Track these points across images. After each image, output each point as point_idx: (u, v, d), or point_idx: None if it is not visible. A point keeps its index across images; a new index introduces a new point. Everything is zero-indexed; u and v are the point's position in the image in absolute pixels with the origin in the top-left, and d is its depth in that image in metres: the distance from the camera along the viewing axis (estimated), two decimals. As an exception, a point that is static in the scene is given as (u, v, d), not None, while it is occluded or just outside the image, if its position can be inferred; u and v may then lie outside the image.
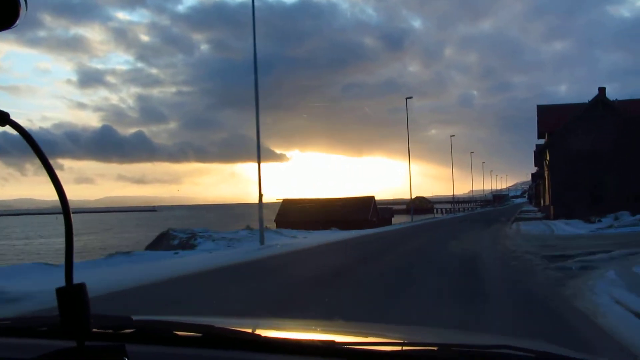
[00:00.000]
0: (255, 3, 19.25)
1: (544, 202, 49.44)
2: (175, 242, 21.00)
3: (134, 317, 1.35)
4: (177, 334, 1.30)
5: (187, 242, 20.57)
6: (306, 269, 12.41)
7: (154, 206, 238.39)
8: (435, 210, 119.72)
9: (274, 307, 7.09)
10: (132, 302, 7.75)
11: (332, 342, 1.28)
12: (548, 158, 35.89)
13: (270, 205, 58.14)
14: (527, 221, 33.99)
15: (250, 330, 1.49)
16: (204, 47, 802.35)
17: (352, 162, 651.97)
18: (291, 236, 24.41)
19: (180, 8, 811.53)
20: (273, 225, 52.24)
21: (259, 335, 1.40)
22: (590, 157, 33.22)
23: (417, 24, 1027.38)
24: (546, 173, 38.69)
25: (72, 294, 0.88)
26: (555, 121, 37.48)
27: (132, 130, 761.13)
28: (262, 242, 18.45)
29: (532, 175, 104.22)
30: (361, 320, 5.68)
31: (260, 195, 18.88)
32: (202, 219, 72.72)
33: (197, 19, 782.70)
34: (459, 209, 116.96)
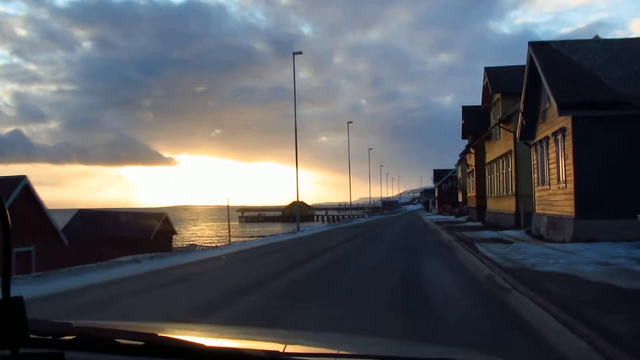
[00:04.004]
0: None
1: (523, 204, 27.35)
2: None
3: (74, 323, 1.32)
4: (119, 342, 1.26)
5: None
6: None
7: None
8: (315, 218, 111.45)
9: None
10: None
11: (277, 353, 1.24)
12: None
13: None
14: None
15: (193, 340, 1.39)
16: (87, 44, 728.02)
17: (243, 167, 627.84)
18: None
19: (60, 2, 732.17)
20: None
21: (202, 345, 1.31)
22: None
23: (306, 30, 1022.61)
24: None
25: (8, 307, 0.85)
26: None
27: (8, 129, 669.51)
28: None
29: (436, 171, 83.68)
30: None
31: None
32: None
33: (79, 14, 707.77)
34: (340, 216, 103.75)
